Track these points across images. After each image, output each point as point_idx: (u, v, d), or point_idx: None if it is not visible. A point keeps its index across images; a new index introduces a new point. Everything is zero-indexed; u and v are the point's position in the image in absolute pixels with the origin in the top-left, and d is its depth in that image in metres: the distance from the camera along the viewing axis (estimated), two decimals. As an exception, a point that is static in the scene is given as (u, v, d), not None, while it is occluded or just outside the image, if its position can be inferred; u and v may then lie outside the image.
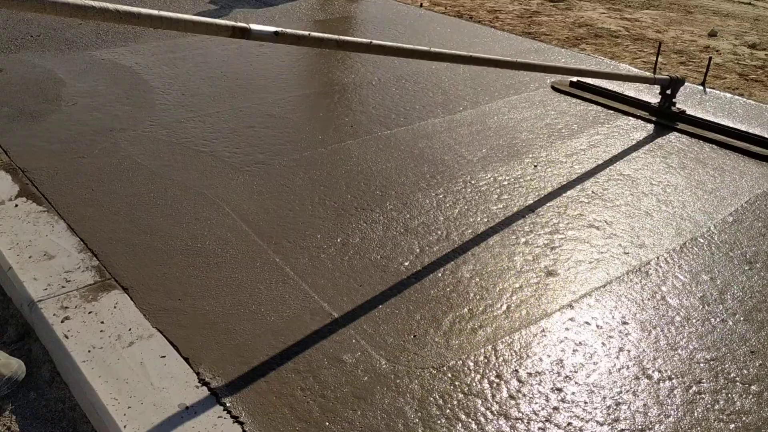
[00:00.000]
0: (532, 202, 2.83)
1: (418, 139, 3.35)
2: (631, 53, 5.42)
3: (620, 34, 5.99)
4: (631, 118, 3.82)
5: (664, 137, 3.56)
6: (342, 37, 2.21)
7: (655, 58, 4.67)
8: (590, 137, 3.47)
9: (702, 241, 2.60)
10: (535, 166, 3.14)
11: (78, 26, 4.98)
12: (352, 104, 3.79)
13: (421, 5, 6.60)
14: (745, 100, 4.15)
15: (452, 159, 3.17)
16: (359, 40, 2.36)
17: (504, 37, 5.27)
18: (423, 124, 3.53)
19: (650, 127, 3.71)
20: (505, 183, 2.97)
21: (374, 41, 2.33)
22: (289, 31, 1.99)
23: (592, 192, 2.93)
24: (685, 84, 3.86)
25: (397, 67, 4.41)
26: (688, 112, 3.77)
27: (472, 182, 2.96)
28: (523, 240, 2.55)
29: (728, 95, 4.23)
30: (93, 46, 4.55)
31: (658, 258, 2.48)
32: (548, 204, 2.81)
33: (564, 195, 2.89)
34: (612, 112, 3.90)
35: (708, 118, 3.70)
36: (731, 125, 3.60)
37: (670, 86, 3.72)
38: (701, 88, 4.24)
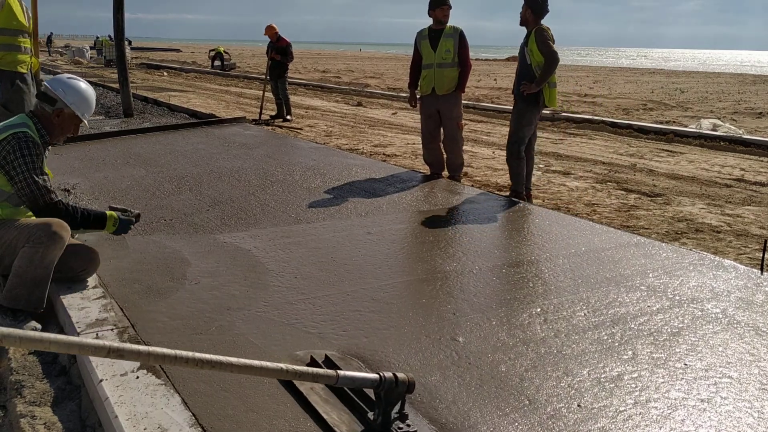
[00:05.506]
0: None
1: (515, 329, 3.39)
2: (735, 249, 5.37)
3: (722, 229, 5.98)
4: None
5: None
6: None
7: (762, 255, 4.60)
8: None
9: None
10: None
11: (206, 211, 5.53)
12: (453, 291, 3.93)
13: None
14: None
15: (547, 351, 3.17)
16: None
17: (603, 230, 5.38)
18: (524, 316, 3.58)
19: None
20: (605, 381, 2.92)
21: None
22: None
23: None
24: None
25: (497, 257, 4.57)
26: None
27: (567, 378, 2.94)
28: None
29: None
30: (217, 230, 5.01)
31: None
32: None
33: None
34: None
35: None
36: None
37: (382, 388, 2.29)
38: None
